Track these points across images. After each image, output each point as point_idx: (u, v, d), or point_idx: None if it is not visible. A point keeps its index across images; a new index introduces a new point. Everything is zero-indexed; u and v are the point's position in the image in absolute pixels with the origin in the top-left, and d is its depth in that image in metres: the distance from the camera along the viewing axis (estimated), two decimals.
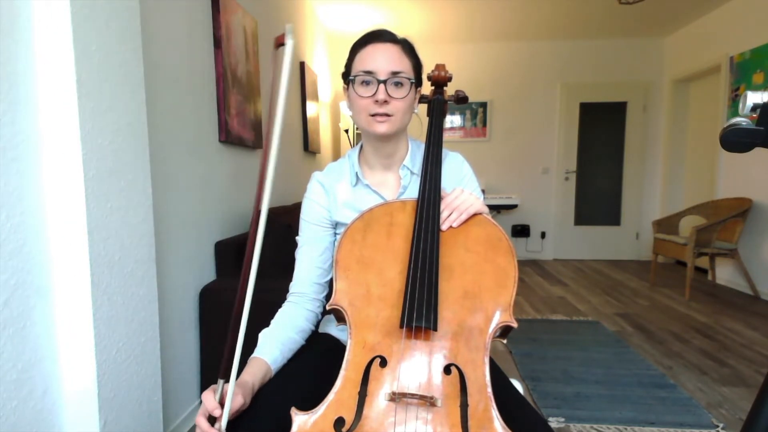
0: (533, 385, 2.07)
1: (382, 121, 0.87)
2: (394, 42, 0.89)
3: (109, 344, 1.08)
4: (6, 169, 0.90)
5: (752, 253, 3.66)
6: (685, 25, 4.59)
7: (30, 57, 0.95)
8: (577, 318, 3.08)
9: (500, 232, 0.81)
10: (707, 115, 4.42)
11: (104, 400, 1.07)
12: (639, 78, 5.05)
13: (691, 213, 4.03)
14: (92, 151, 1.02)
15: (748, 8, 3.74)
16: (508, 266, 0.78)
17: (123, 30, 1.13)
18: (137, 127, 1.19)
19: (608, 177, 5.27)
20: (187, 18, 1.74)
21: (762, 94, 0.60)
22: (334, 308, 0.77)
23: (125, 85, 1.14)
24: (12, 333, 0.92)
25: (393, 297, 0.75)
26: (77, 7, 0.98)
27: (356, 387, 0.69)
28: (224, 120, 2.00)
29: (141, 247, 1.21)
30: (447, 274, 0.77)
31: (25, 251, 0.94)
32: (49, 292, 1.01)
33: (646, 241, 5.09)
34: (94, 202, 1.03)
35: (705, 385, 2.08)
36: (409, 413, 0.66)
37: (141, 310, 1.21)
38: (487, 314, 0.74)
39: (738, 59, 3.81)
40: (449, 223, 0.81)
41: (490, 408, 0.67)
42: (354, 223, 0.83)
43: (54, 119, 0.98)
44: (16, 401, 0.93)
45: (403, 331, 0.72)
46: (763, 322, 2.98)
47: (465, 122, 5.26)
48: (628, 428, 1.72)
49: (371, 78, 0.86)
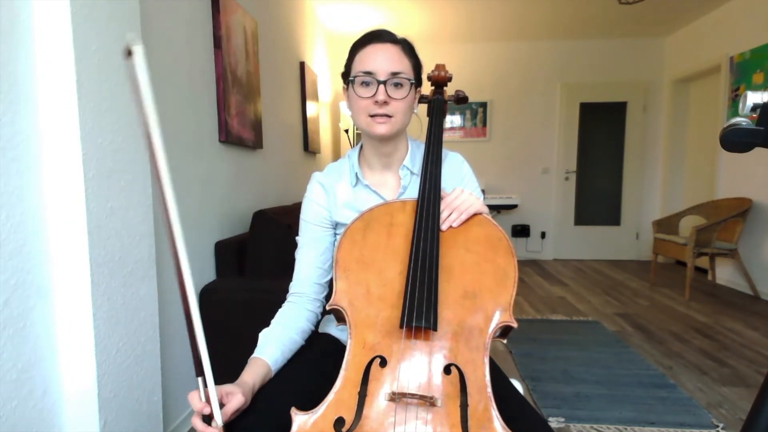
0: (533, 385, 2.07)
1: (382, 122, 0.87)
2: (394, 42, 0.89)
3: (109, 344, 1.08)
4: (6, 169, 0.90)
5: (752, 253, 3.66)
6: (685, 25, 4.59)
7: (30, 57, 0.95)
8: (577, 318, 3.08)
9: (500, 232, 0.81)
10: (707, 115, 4.42)
11: (104, 400, 1.07)
12: (639, 78, 5.05)
13: (691, 213, 4.03)
14: (92, 151, 1.02)
15: (748, 8, 3.74)
16: (508, 266, 0.78)
17: (123, 30, 1.13)
18: (137, 127, 1.19)
19: (608, 177, 5.27)
20: (187, 18, 1.74)
21: (762, 94, 0.60)
22: (334, 308, 0.77)
23: (125, 85, 1.14)
24: (12, 333, 0.92)
25: (393, 297, 0.75)
26: (77, 7, 0.98)
27: (356, 387, 0.69)
28: (224, 120, 2.00)
29: (141, 247, 1.21)
30: (447, 274, 0.77)
31: (25, 251, 0.94)
32: (49, 292, 1.01)
33: (646, 241, 5.09)
34: (94, 202, 1.03)
35: (705, 385, 2.08)
36: (409, 413, 0.66)
37: (141, 310, 1.21)
38: (487, 314, 0.74)
39: (738, 59, 3.81)
40: (449, 223, 0.81)
41: (490, 408, 0.67)
42: (354, 223, 0.82)
43: (54, 119, 0.98)
44: (16, 401, 0.93)
45: (403, 331, 0.72)
46: (763, 322, 2.98)
47: (465, 122, 5.26)
48: (628, 428, 1.72)
49: (371, 79, 0.86)
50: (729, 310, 3.23)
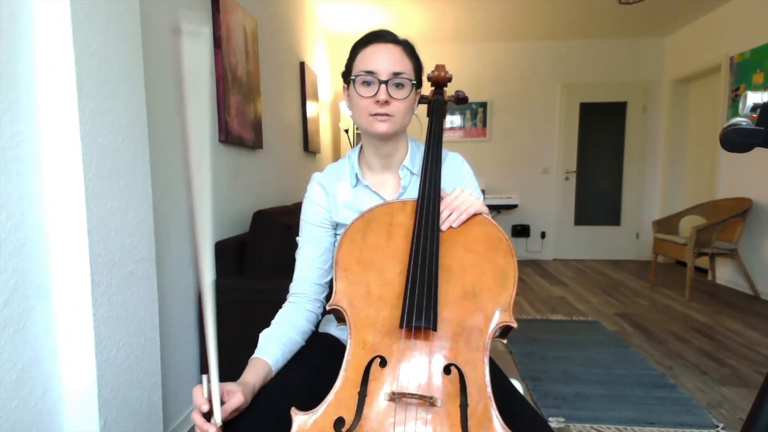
0: (533, 385, 2.07)
1: (383, 120, 0.87)
2: (396, 43, 0.90)
3: (109, 344, 1.08)
4: (6, 169, 0.90)
5: (752, 253, 3.66)
6: (685, 25, 4.59)
7: (30, 57, 0.95)
8: (577, 318, 3.08)
9: (500, 232, 0.81)
10: (707, 115, 4.42)
11: (104, 400, 1.07)
12: (639, 78, 5.05)
13: (691, 213, 4.03)
14: (92, 151, 1.02)
15: (748, 8, 3.74)
16: (508, 266, 0.77)
17: (123, 30, 1.13)
18: (137, 127, 1.19)
19: (608, 177, 5.27)
20: (187, 18, 1.73)
21: (762, 94, 0.60)
22: (334, 308, 0.77)
23: (125, 85, 1.14)
24: (12, 333, 0.92)
25: (393, 297, 0.75)
26: (77, 7, 0.98)
27: (356, 387, 0.69)
28: (224, 120, 2.00)
29: (141, 247, 1.21)
30: (447, 274, 0.76)
31: (25, 251, 0.94)
32: (49, 292, 1.01)
33: (646, 241, 5.08)
34: (94, 202, 1.03)
35: (705, 385, 2.08)
36: (408, 413, 0.66)
37: (141, 310, 1.21)
38: (487, 314, 0.74)
39: (738, 59, 3.81)
40: (449, 223, 0.81)
41: (489, 408, 0.67)
42: (354, 224, 0.82)
43: (54, 119, 0.98)
44: (16, 401, 0.93)
45: (403, 331, 0.72)
46: (763, 322, 2.98)
47: (465, 122, 5.26)
48: (628, 428, 1.72)
49: (372, 78, 0.86)
50: (729, 310, 3.23)
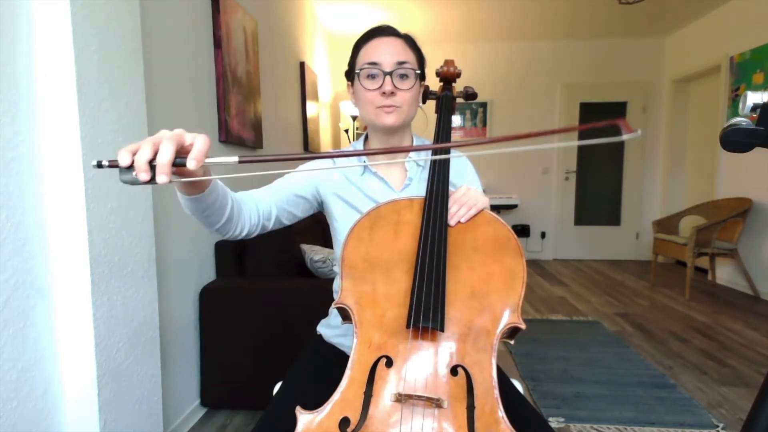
0: (533, 385, 2.07)
1: (390, 111, 0.88)
2: (397, 36, 0.90)
3: (109, 344, 1.08)
4: (6, 169, 0.90)
5: (752, 253, 3.65)
6: (685, 25, 4.58)
7: (30, 57, 0.95)
8: (577, 318, 3.08)
9: (509, 231, 0.79)
10: (707, 115, 4.41)
11: (104, 400, 1.06)
12: (639, 78, 5.04)
13: (691, 213, 4.03)
14: (92, 151, 1.02)
15: (748, 8, 3.74)
16: (516, 266, 0.76)
17: (123, 30, 1.13)
18: (137, 127, 1.19)
19: (608, 177, 5.26)
20: (187, 18, 1.73)
21: (762, 94, 0.60)
22: (340, 306, 0.76)
23: (125, 85, 1.14)
24: (12, 333, 0.92)
25: (400, 296, 0.74)
26: (77, 7, 0.97)
27: (362, 387, 0.68)
28: (224, 120, 2.00)
29: (141, 247, 1.21)
30: (454, 274, 0.75)
31: (25, 251, 0.94)
32: (49, 292, 1.00)
33: (646, 241, 5.08)
34: (94, 202, 1.03)
35: (705, 385, 2.08)
36: (414, 414, 0.66)
37: (141, 310, 1.21)
38: (495, 315, 0.73)
39: (738, 59, 3.81)
40: (458, 217, 0.79)
41: (496, 410, 0.66)
42: (360, 221, 0.81)
43: (54, 119, 0.98)
44: (16, 401, 0.93)
45: (410, 331, 0.71)
46: (763, 322, 2.98)
47: (465, 122, 5.26)
48: (628, 428, 1.72)
49: (377, 70, 0.86)
50: (729, 310, 3.23)
